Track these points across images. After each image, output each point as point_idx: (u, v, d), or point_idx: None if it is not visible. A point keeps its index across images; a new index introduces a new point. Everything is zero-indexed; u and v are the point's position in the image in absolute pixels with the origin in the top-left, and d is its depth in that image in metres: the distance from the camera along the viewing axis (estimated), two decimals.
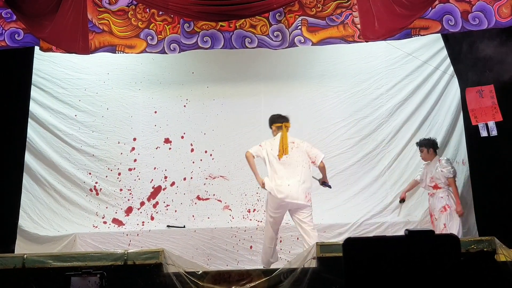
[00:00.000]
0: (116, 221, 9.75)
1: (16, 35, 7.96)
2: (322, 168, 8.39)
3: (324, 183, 8.52)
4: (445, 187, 8.84)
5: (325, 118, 10.15)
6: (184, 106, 10.16)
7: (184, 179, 9.97)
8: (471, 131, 8.65)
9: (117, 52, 8.09)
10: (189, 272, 6.72)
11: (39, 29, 7.86)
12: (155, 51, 8.14)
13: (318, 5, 7.98)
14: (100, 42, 8.04)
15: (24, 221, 9.21)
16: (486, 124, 8.33)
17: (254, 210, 9.83)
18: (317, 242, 6.95)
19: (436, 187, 8.86)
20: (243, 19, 8.06)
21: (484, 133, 8.35)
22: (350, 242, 3.92)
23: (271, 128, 8.52)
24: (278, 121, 8.45)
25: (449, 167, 8.83)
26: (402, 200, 9.32)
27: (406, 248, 3.84)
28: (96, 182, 9.87)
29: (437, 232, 8.42)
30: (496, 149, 8.37)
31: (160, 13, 8.06)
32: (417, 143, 9.16)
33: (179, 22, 8.10)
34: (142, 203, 9.87)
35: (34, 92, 9.34)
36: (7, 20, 7.93)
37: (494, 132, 8.29)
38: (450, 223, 8.68)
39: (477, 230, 8.85)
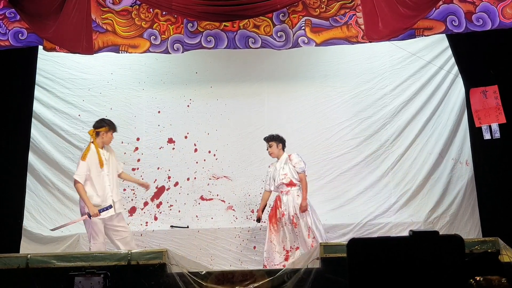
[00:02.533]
0: None
1: (20, 34, 7.97)
2: None
3: None
4: (299, 183, 8.72)
5: (328, 118, 10.13)
6: (188, 106, 10.15)
7: (188, 179, 9.97)
8: (475, 132, 8.64)
9: (120, 52, 8.12)
10: (192, 272, 6.72)
11: (42, 28, 7.87)
12: (159, 51, 8.16)
13: (322, 6, 7.99)
14: (104, 42, 8.05)
15: (28, 221, 9.22)
16: (490, 126, 8.32)
17: None
18: (320, 243, 6.94)
19: (291, 184, 8.72)
20: (247, 19, 8.07)
21: (487, 136, 8.34)
22: (355, 243, 3.92)
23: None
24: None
25: (301, 162, 8.74)
26: (258, 220, 9.02)
27: (410, 248, 3.84)
28: None
29: (303, 231, 8.55)
30: (500, 150, 8.36)
31: (164, 13, 8.07)
32: (265, 138, 8.97)
33: (182, 22, 8.11)
34: (146, 203, 9.88)
35: (37, 92, 9.35)
36: (11, 19, 7.95)
37: (497, 135, 8.28)
38: (312, 224, 8.59)
39: (480, 230, 8.84)
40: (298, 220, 8.59)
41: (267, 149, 8.94)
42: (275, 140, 8.88)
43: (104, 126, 8.25)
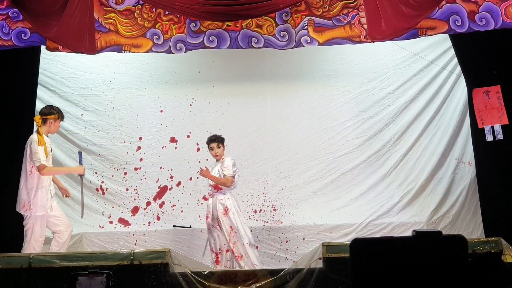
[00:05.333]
0: (122, 221, 9.76)
1: (23, 34, 7.99)
2: None
3: None
4: (226, 189, 8.55)
5: (331, 117, 10.11)
6: (190, 105, 10.14)
7: (190, 179, 9.94)
8: (477, 132, 8.63)
9: (123, 51, 8.13)
10: (195, 272, 6.71)
11: (45, 28, 7.88)
12: (161, 51, 8.17)
13: (325, 5, 7.99)
14: (107, 42, 8.06)
15: None
16: (492, 128, 8.31)
17: (260, 210, 9.82)
18: (323, 243, 6.92)
19: (217, 187, 8.59)
20: (250, 19, 8.07)
21: (490, 137, 8.34)
22: (358, 243, 3.92)
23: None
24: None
25: (229, 168, 8.54)
26: None
27: (413, 249, 3.83)
28: (102, 182, 9.88)
29: (226, 234, 8.40)
30: (503, 150, 8.36)
31: (166, 12, 8.08)
32: (212, 140, 8.71)
33: (185, 21, 8.12)
34: (148, 203, 9.87)
35: (40, 91, 9.36)
36: (14, 19, 7.96)
37: (499, 136, 8.27)
38: (238, 225, 8.42)
39: (483, 230, 8.82)
40: (221, 224, 8.46)
41: (214, 151, 8.71)
42: (222, 142, 8.72)
43: (53, 113, 7.98)
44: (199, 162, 9.94)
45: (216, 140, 8.72)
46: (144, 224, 9.75)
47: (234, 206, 8.53)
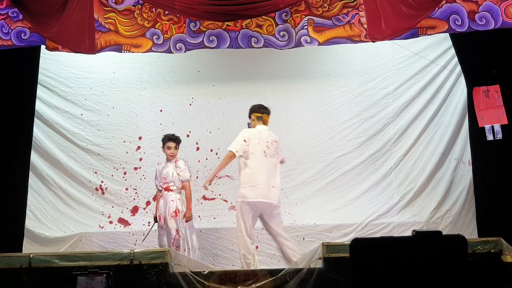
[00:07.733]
0: (122, 221, 9.75)
1: (23, 34, 7.98)
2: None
3: None
4: (178, 190, 8.62)
5: (331, 117, 10.11)
6: (190, 104, 10.14)
7: None
8: (475, 132, 8.63)
9: (123, 51, 8.13)
10: (195, 272, 6.71)
11: (45, 28, 7.88)
12: (161, 50, 8.16)
13: (325, 5, 7.99)
14: (106, 42, 8.06)
15: (30, 221, 9.22)
16: (492, 127, 8.32)
17: None
18: (323, 243, 6.92)
19: (168, 189, 8.61)
20: (249, 19, 8.07)
21: (490, 137, 8.34)
22: (357, 243, 3.92)
23: (250, 117, 8.31)
24: (258, 111, 8.24)
25: (186, 171, 8.63)
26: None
27: (413, 249, 3.83)
28: (102, 181, 9.87)
29: (169, 238, 8.43)
30: (500, 150, 8.36)
31: (166, 12, 8.08)
32: (171, 139, 8.75)
33: (185, 21, 8.12)
34: (148, 203, 9.85)
35: (40, 91, 9.36)
36: (14, 19, 7.96)
37: (499, 136, 8.27)
38: (186, 230, 8.50)
39: (476, 230, 8.82)
40: (168, 226, 8.48)
41: (171, 150, 8.73)
42: (178, 142, 8.81)
43: (269, 114, 8.29)
44: (199, 161, 9.97)
45: (175, 141, 8.79)
46: (144, 224, 9.72)
47: (184, 210, 8.59)
